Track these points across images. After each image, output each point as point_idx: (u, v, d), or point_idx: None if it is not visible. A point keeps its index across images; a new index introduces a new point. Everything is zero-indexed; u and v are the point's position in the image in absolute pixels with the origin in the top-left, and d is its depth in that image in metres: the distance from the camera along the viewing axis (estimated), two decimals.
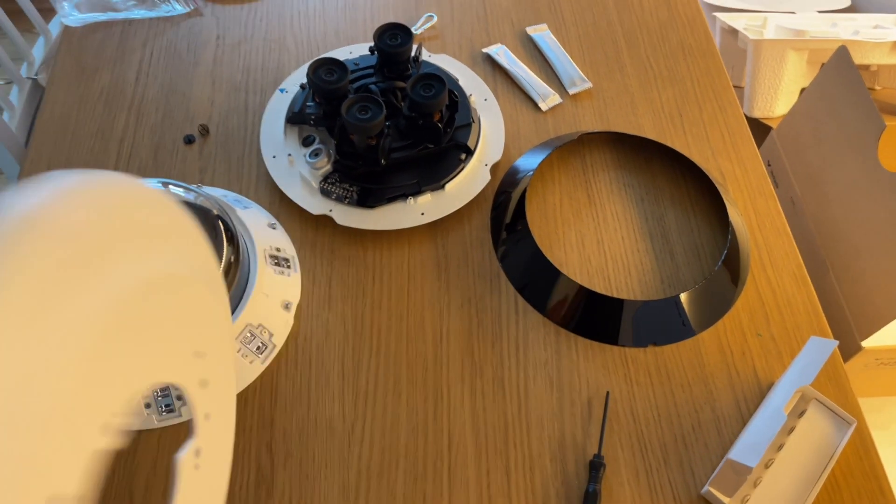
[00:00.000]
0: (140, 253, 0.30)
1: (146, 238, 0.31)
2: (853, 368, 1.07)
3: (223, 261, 0.61)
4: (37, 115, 0.85)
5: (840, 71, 1.01)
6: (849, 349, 1.04)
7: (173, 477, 0.34)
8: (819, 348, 0.61)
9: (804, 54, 1.30)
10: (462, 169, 0.75)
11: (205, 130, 0.81)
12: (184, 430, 0.61)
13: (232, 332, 0.38)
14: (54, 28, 1.21)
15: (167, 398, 0.58)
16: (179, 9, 0.93)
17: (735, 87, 0.89)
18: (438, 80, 0.71)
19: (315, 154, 0.73)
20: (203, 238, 0.36)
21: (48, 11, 1.14)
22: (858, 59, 1.28)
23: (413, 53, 0.79)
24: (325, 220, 0.73)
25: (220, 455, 0.39)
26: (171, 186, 0.65)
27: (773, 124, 1.31)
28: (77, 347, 0.27)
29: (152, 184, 0.65)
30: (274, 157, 0.76)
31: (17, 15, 1.13)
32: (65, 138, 0.81)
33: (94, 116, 0.83)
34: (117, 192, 0.31)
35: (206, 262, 0.37)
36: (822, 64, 1.21)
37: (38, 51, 1.19)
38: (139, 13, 0.92)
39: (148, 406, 0.59)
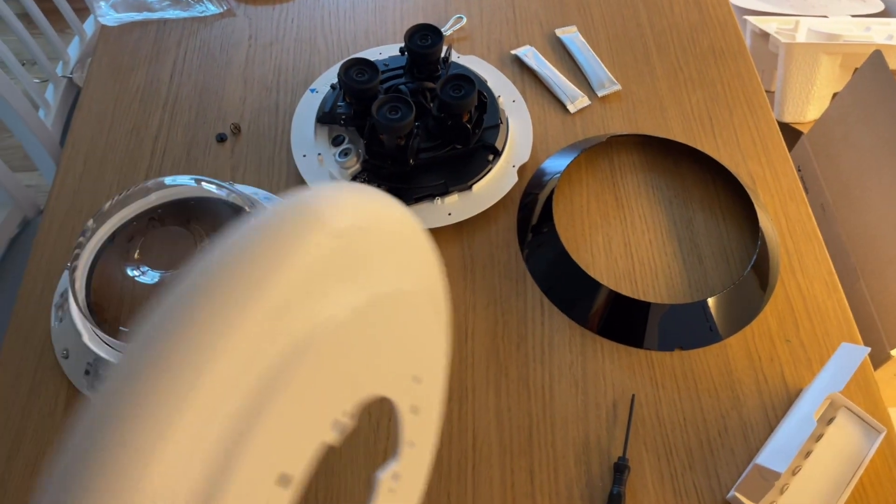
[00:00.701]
0: (392, 265, 0.32)
1: (398, 251, 0.33)
2: (882, 377, 1.06)
3: None
4: (72, 113, 0.87)
5: (874, 76, 1.00)
6: (878, 358, 1.02)
7: (371, 493, 0.35)
8: (850, 355, 0.60)
9: (837, 58, 1.28)
10: (489, 170, 0.75)
11: (237, 129, 0.82)
12: None
13: (447, 368, 0.39)
14: (89, 28, 1.24)
15: None
16: (213, 9, 0.94)
17: (765, 91, 0.89)
18: (468, 81, 0.72)
19: (344, 153, 0.74)
20: (437, 262, 0.37)
21: (83, 11, 1.16)
22: (893, 63, 1.25)
23: (443, 54, 0.79)
24: None
25: (416, 485, 0.40)
26: (203, 183, 0.67)
27: (804, 129, 1.29)
28: (332, 338, 0.29)
29: (190, 181, 0.66)
30: (304, 156, 0.77)
31: (53, 15, 1.15)
32: (101, 135, 0.82)
33: (130, 114, 0.84)
34: (384, 203, 0.33)
35: (436, 288, 0.38)
36: (856, 69, 1.20)
37: (73, 50, 1.21)
38: (174, 13, 0.94)
39: None
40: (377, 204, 0.33)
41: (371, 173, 0.74)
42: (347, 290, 0.29)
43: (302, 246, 0.28)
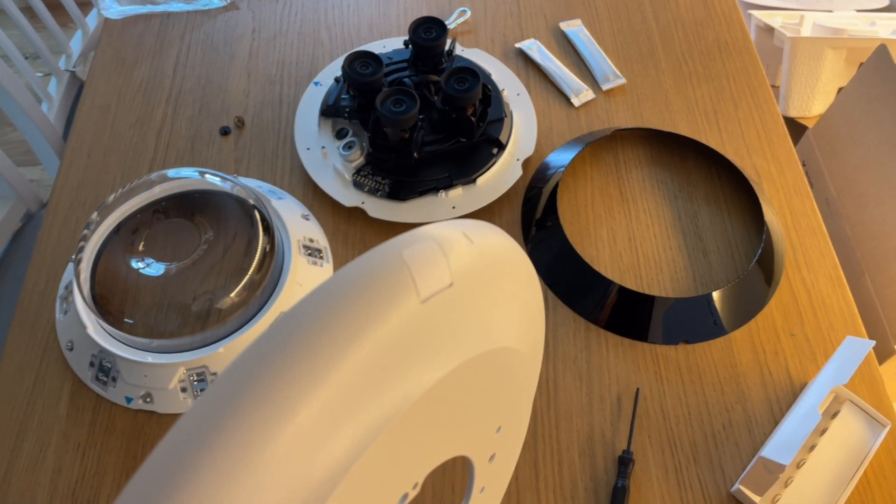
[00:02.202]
0: (492, 321, 0.29)
1: (503, 305, 0.29)
2: (887, 372, 1.05)
3: (259, 250, 0.62)
4: (75, 107, 0.87)
5: (879, 70, 0.99)
6: (883, 352, 1.02)
7: None
8: (855, 348, 0.60)
9: (842, 53, 1.28)
10: (494, 163, 0.75)
11: (240, 122, 0.82)
12: None
13: (531, 405, 0.36)
14: (91, 21, 1.24)
15: (203, 383, 0.59)
16: (216, 2, 0.94)
17: (770, 85, 0.88)
18: (472, 74, 0.71)
19: (348, 147, 0.74)
20: (542, 306, 0.33)
21: (86, 5, 1.16)
22: None
23: (447, 47, 0.79)
24: (357, 213, 0.73)
25: None
26: (207, 176, 0.66)
27: (809, 124, 1.29)
28: (410, 414, 0.25)
29: (194, 174, 0.66)
30: (308, 149, 0.77)
31: (56, 8, 1.15)
32: (105, 128, 0.82)
33: (134, 107, 0.84)
34: (496, 248, 0.29)
35: (537, 334, 0.34)
36: (861, 63, 1.20)
37: (76, 43, 1.21)
38: (177, 6, 0.94)
39: (184, 390, 0.60)
40: (488, 249, 0.28)
41: (375, 166, 0.74)
42: (434, 359, 0.26)
43: (386, 318, 0.24)
